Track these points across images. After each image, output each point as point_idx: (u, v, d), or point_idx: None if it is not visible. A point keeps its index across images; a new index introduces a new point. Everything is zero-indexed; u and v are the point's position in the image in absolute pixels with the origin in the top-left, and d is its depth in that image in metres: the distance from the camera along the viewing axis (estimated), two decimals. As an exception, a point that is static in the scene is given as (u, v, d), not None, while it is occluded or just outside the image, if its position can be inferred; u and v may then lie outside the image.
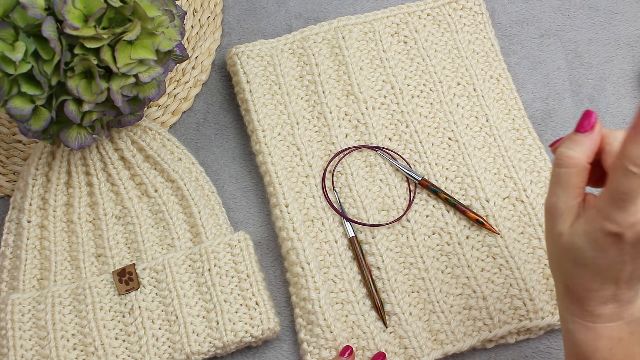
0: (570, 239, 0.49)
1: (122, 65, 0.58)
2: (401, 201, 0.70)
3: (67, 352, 0.64)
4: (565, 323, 0.53)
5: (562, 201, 0.50)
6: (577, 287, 0.50)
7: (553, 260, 0.52)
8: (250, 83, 0.75)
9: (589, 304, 0.50)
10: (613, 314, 0.50)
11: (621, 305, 0.50)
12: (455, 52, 0.76)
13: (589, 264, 0.49)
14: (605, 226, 0.47)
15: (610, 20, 0.80)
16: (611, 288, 0.50)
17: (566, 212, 0.49)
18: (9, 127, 0.77)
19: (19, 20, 0.56)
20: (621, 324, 0.51)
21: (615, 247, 0.47)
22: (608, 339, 0.50)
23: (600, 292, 0.50)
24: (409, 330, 0.65)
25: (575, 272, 0.50)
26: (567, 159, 0.49)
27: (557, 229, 0.50)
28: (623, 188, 0.45)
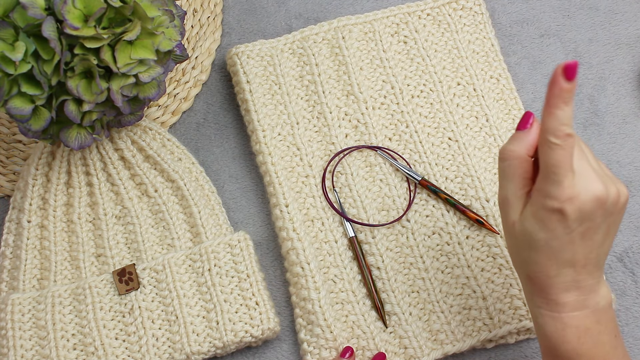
0: (521, 226, 0.52)
1: (122, 65, 0.58)
2: (401, 201, 0.70)
3: (67, 352, 0.64)
4: (535, 318, 0.54)
5: (511, 192, 0.52)
6: (538, 274, 0.52)
7: (513, 253, 0.54)
8: (250, 83, 0.75)
9: (552, 292, 0.52)
10: (577, 303, 0.52)
11: (584, 293, 0.52)
12: (455, 52, 0.76)
13: (542, 246, 0.51)
14: (547, 203, 0.49)
15: (610, 20, 0.80)
16: (569, 272, 0.51)
17: (515, 201, 0.52)
18: (9, 127, 0.77)
19: (19, 20, 0.56)
20: (587, 312, 0.52)
21: (561, 225, 0.50)
22: (575, 328, 0.52)
23: (559, 277, 0.51)
24: (409, 330, 0.65)
25: (532, 259, 0.52)
26: (508, 152, 0.52)
27: (510, 219, 0.52)
28: (551, 160, 0.48)
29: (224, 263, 0.67)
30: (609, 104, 0.76)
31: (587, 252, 0.51)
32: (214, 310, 0.65)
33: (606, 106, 0.76)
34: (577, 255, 0.51)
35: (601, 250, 0.52)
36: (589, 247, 0.51)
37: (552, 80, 0.49)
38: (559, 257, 0.51)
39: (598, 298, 0.52)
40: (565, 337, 0.52)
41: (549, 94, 0.49)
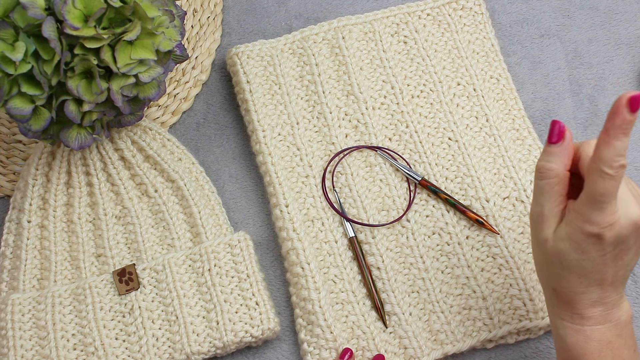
0: (554, 244, 0.51)
1: (122, 65, 0.59)
2: (401, 201, 0.70)
3: (67, 352, 0.64)
4: (555, 329, 0.54)
5: (547, 209, 0.52)
6: (565, 290, 0.52)
7: (540, 266, 0.54)
8: (250, 83, 0.75)
9: (577, 306, 0.52)
10: (600, 317, 0.52)
11: (608, 308, 0.52)
12: (455, 52, 0.76)
13: (574, 266, 0.51)
14: (586, 228, 0.49)
15: (610, 20, 0.80)
16: (597, 290, 0.51)
17: (550, 218, 0.52)
18: (9, 127, 0.77)
19: (19, 20, 0.56)
20: (609, 326, 0.52)
21: (596, 248, 0.49)
22: (597, 341, 0.52)
23: (587, 294, 0.52)
24: (409, 330, 0.65)
25: (562, 276, 0.52)
26: (546, 170, 0.52)
27: (543, 236, 0.52)
28: (599, 189, 0.48)
29: (224, 263, 0.67)
30: (609, 104, 0.76)
31: (616, 271, 0.51)
32: (214, 310, 0.65)
33: (606, 106, 0.76)
34: (607, 274, 0.51)
35: (628, 268, 0.52)
36: (619, 267, 0.51)
37: (615, 110, 0.47)
38: (589, 277, 0.51)
39: (620, 312, 0.53)
40: (587, 349, 0.52)
41: (609, 124, 0.47)
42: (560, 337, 0.53)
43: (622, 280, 0.52)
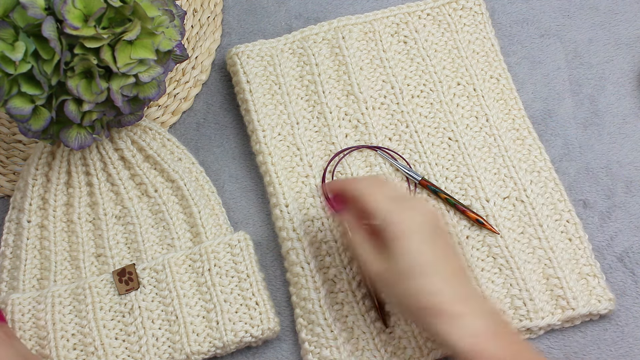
0: (392, 264, 0.56)
1: (122, 65, 0.58)
2: (401, 201, 0.70)
3: (67, 352, 0.64)
4: (448, 343, 0.54)
5: (367, 254, 0.58)
6: (425, 297, 0.55)
7: (397, 297, 0.57)
8: (250, 83, 0.75)
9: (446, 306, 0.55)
10: (473, 310, 0.55)
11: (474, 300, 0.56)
12: (455, 52, 0.76)
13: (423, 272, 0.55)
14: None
15: (610, 20, 0.80)
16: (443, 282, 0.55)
17: (374, 256, 0.58)
18: (9, 127, 0.77)
19: (19, 20, 0.56)
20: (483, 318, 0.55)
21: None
22: (482, 334, 0.54)
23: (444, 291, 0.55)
24: (409, 330, 0.65)
25: (416, 286, 0.55)
26: (346, 231, 0.60)
27: (379, 268, 0.57)
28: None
29: (224, 263, 0.66)
30: (609, 104, 0.76)
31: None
32: (213, 310, 0.65)
33: (606, 106, 0.76)
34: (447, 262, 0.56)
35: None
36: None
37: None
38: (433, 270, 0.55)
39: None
40: (477, 344, 0.53)
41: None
42: (454, 345, 0.54)
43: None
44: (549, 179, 0.71)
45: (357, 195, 0.59)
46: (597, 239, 0.70)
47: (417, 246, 0.55)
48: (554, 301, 0.66)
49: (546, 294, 0.67)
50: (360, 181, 0.61)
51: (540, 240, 0.68)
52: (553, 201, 0.70)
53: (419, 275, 0.55)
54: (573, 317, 0.66)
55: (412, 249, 0.55)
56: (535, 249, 0.68)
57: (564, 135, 0.75)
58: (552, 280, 0.67)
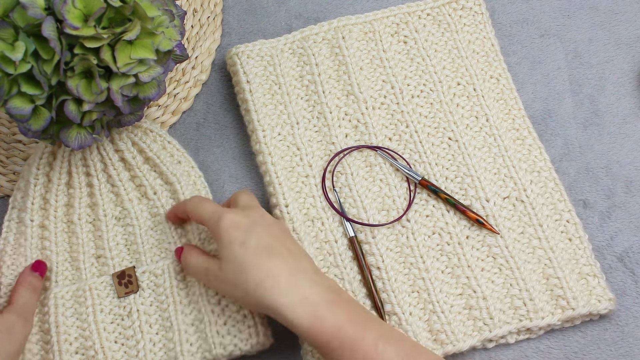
0: (228, 261, 0.60)
1: (122, 65, 0.58)
2: (401, 201, 0.70)
3: (70, 356, 0.63)
4: (293, 322, 0.57)
5: (200, 263, 0.63)
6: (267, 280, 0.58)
7: (238, 292, 0.59)
8: (250, 83, 0.75)
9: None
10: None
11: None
12: (455, 52, 0.76)
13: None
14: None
15: (610, 20, 0.80)
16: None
17: (207, 261, 0.63)
18: (9, 127, 0.77)
19: (19, 20, 0.56)
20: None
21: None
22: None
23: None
24: (409, 330, 0.65)
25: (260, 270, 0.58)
26: (186, 266, 0.65)
27: (218, 270, 0.61)
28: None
29: None
30: (609, 104, 0.76)
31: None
32: (203, 321, 0.64)
33: (606, 106, 0.76)
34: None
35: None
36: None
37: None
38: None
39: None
40: (317, 312, 0.56)
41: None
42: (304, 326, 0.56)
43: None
44: (549, 179, 0.71)
45: (188, 210, 0.65)
46: (597, 239, 0.70)
47: (239, 237, 0.59)
48: (554, 301, 0.66)
49: (546, 294, 0.67)
50: (184, 202, 0.67)
51: (540, 240, 0.68)
52: (553, 201, 0.70)
53: (244, 256, 0.58)
54: (573, 317, 0.66)
55: (235, 241, 0.59)
56: (535, 249, 0.68)
57: (564, 135, 0.75)
58: (552, 280, 0.67)
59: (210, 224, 0.62)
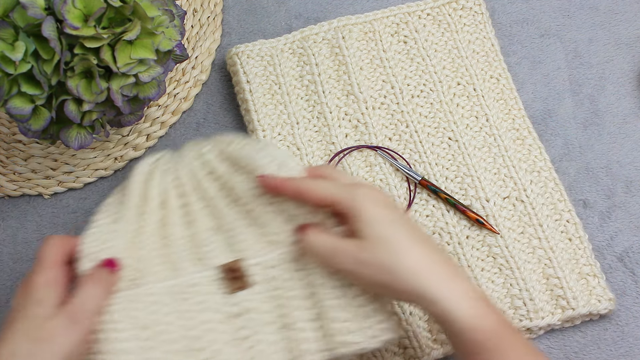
0: (369, 244, 0.53)
1: (122, 65, 0.59)
2: (401, 201, 0.70)
3: (173, 355, 0.55)
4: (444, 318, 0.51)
5: (336, 243, 0.55)
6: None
7: (385, 276, 0.52)
8: (250, 83, 0.75)
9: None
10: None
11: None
12: (455, 52, 0.76)
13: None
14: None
15: (610, 20, 0.80)
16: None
17: (343, 242, 0.54)
18: (9, 127, 0.77)
19: (19, 20, 0.56)
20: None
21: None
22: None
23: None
24: (409, 330, 0.65)
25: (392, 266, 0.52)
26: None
27: (357, 255, 0.53)
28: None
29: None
30: (609, 104, 0.76)
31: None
32: (327, 317, 0.56)
33: (606, 106, 0.76)
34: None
35: None
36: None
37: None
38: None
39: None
40: (479, 308, 0.51)
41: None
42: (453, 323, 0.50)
43: None
44: (549, 179, 0.71)
45: (303, 189, 0.55)
46: (597, 239, 0.70)
47: (384, 213, 0.53)
48: (554, 301, 0.66)
49: (546, 294, 0.67)
50: (295, 179, 0.57)
51: (540, 240, 0.68)
52: (553, 201, 0.70)
53: (396, 240, 0.52)
54: (573, 317, 0.66)
55: (380, 217, 0.53)
56: (535, 249, 0.68)
57: (564, 135, 0.75)
58: (552, 280, 0.67)
59: (344, 200, 0.54)
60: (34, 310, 0.51)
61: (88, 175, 0.75)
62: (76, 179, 0.75)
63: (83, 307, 0.52)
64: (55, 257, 0.54)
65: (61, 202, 0.75)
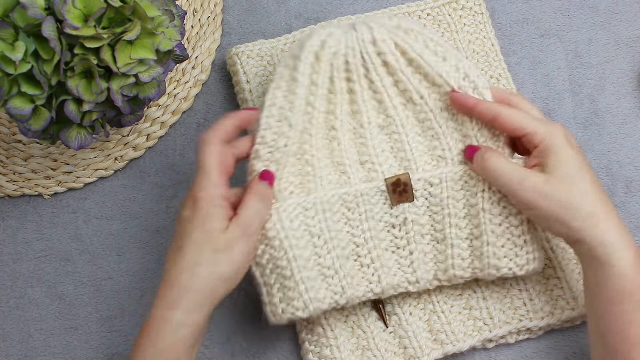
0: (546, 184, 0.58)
1: (122, 65, 0.59)
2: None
3: (345, 260, 0.61)
4: (605, 264, 0.55)
5: (520, 171, 0.59)
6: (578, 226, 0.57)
7: (560, 209, 0.57)
8: (250, 83, 0.75)
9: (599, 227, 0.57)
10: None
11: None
12: (455, 52, 0.76)
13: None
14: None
15: (610, 20, 0.80)
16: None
17: (527, 172, 0.59)
18: (9, 127, 0.77)
19: (19, 20, 0.56)
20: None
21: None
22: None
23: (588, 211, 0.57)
24: (409, 330, 0.65)
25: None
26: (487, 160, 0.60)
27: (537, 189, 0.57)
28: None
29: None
30: (609, 104, 0.76)
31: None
32: (479, 238, 0.61)
33: (606, 106, 0.76)
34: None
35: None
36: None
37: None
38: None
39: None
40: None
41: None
42: (612, 272, 0.55)
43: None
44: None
45: (503, 116, 0.59)
46: (597, 239, 0.70)
47: (574, 154, 0.57)
48: (554, 301, 0.66)
49: (546, 294, 0.67)
50: (492, 103, 0.61)
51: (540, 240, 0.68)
52: (553, 201, 0.70)
53: (581, 182, 0.57)
54: (573, 317, 0.66)
55: (571, 158, 0.57)
56: (535, 248, 0.68)
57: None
58: (552, 280, 0.67)
59: (541, 134, 0.58)
60: (209, 224, 0.56)
61: (88, 175, 0.75)
62: (76, 179, 0.75)
63: (253, 220, 0.57)
64: (219, 170, 0.58)
65: (61, 202, 0.75)
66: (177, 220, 0.58)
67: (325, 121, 0.63)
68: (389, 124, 0.64)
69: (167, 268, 0.56)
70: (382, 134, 0.64)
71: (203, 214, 0.56)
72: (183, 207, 0.58)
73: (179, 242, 0.56)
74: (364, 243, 0.62)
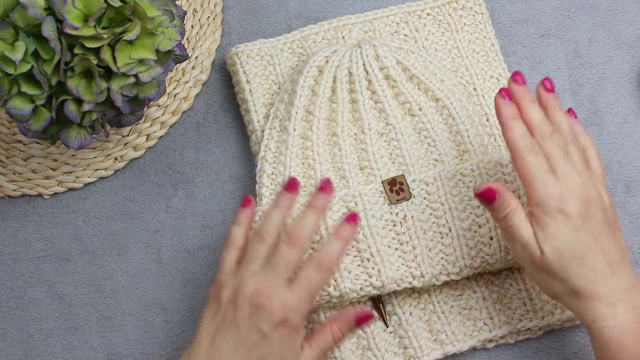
0: (550, 249, 0.56)
1: (122, 65, 0.59)
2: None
3: (344, 256, 0.63)
4: (594, 333, 0.55)
5: (525, 233, 0.57)
6: (582, 283, 0.55)
7: (545, 283, 0.57)
8: (250, 83, 0.75)
9: (599, 296, 0.55)
10: (628, 302, 0.55)
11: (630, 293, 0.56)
12: (455, 51, 0.76)
13: (568, 255, 0.56)
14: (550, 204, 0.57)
15: (610, 20, 0.80)
16: (607, 272, 0.56)
17: (530, 239, 0.57)
18: (9, 127, 0.77)
19: (19, 20, 0.56)
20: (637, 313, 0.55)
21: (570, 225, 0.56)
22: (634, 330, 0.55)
23: (601, 280, 0.55)
24: (409, 330, 0.65)
25: (570, 273, 0.56)
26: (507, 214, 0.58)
27: (537, 256, 0.56)
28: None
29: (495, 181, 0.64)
30: (609, 104, 0.76)
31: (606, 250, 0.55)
32: (485, 225, 0.64)
33: (606, 106, 0.76)
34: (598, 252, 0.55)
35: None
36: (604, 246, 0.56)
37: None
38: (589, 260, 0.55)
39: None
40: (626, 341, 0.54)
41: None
42: (601, 339, 0.55)
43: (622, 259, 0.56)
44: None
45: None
46: (597, 239, 0.70)
47: (572, 230, 0.55)
48: (553, 301, 0.66)
49: (546, 294, 0.67)
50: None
51: None
52: (553, 201, 0.70)
53: (575, 261, 0.55)
54: (573, 317, 0.66)
55: (568, 234, 0.55)
56: (535, 248, 0.68)
57: (564, 135, 0.75)
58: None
59: (532, 198, 0.56)
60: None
61: (88, 176, 0.75)
62: (76, 179, 0.75)
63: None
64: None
65: (61, 202, 0.75)
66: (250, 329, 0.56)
67: (327, 128, 0.69)
68: (388, 132, 0.69)
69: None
70: (381, 140, 0.68)
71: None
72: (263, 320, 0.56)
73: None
74: (363, 239, 0.64)
